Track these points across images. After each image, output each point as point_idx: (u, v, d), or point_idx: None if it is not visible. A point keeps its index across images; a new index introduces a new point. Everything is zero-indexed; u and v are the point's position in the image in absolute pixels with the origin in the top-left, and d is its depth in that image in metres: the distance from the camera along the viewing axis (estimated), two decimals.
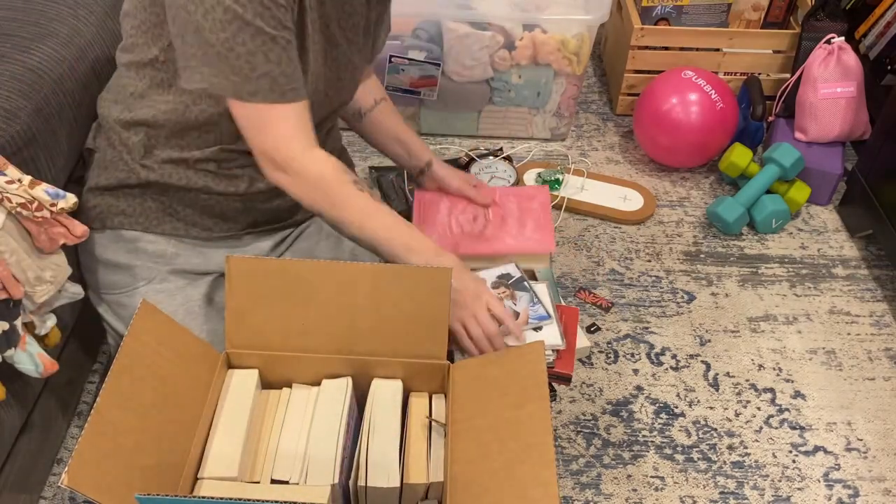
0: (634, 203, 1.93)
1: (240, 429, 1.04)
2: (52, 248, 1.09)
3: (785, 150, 1.85)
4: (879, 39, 2.03)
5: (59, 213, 1.05)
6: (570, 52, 1.92)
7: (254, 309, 1.11)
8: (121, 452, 0.92)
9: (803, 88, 1.97)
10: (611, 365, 1.59)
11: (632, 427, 1.48)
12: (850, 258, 1.85)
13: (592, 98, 2.30)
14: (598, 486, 1.39)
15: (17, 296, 1.04)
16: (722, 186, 2.02)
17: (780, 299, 1.74)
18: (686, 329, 1.67)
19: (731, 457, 1.44)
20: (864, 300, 1.75)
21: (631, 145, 2.13)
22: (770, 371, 1.60)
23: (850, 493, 1.40)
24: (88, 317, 1.30)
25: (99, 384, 1.47)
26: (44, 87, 1.17)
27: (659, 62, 2.10)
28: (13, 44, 1.20)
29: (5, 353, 1.06)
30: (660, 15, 2.08)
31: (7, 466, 1.18)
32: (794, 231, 1.91)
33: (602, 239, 1.86)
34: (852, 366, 1.61)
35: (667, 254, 1.84)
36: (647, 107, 1.96)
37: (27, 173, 1.03)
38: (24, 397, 1.19)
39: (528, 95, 2.00)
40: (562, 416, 1.49)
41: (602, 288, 1.74)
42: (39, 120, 1.14)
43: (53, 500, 1.32)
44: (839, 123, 1.93)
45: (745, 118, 2.00)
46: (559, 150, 2.10)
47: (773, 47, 2.09)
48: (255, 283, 1.10)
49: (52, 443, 1.35)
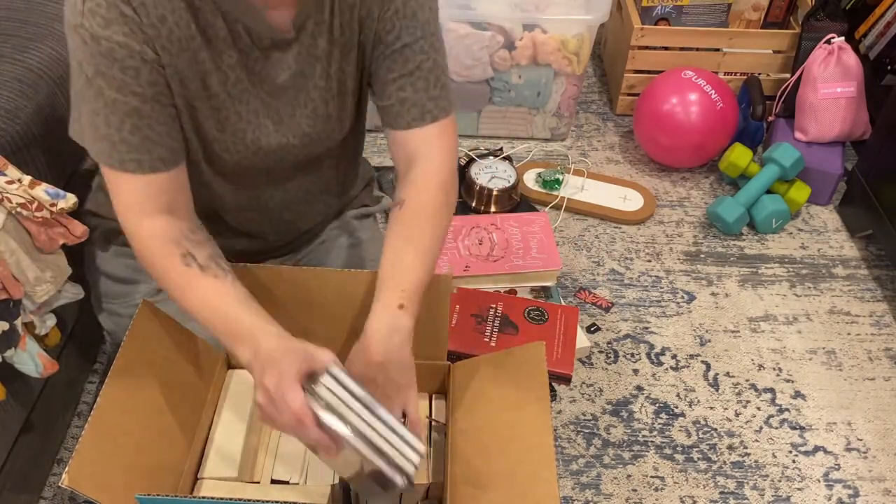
0: (634, 203, 1.93)
1: (240, 429, 1.04)
2: (52, 248, 1.08)
3: (785, 150, 1.85)
4: (879, 39, 2.03)
5: (59, 213, 1.05)
6: (570, 52, 1.92)
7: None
8: (121, 452, 0.92)
9: (803, 88, 1.97)
10: (611, 365, 1.59)
11: (632, 427, 1.48)
12: (850, 258, 1.85)
13: (592, 98, 2.30)
14: (598, 486, 1.39)
15: (17, 296, 1.04)
16: (722, 186, 2.02)
17: (780, 299, 1.74)
18: (686, 329, 1.67)
19: (731, 457, 1.44)
20: (864, 300, 1.75)
21: (631, 145, 2.13)
22: (770, 371, 1.60)
23: (850, 493, 1.40)
24: (88, 317, 1.30)
25: (99, 384, 1.47)
26: (44, 87, 1.17)
27: (659, 62, 2.10)
28: (13, 44, 1.20)
29: (5, 353, 1.06)
30: (660, 15, 2.08)
31: (7, 466, 1.18)
32: (794, 231, 1.91)
33: (602, 239, 1.86)
34: (852, 366, 1.61)
35: (667, 254, 1.83)
36: (647, 107, 1.96)
37: (27, 173, 1.03)
38: (24, 397, 1.19)
39: (528, 95, 2.00)
40: (562, 416, 1.49)
41: (602, 288, 1.74)
42: (39, 120, 1.14)
43: (53, 500, 1.32)
44: (839, 123, 1.93)
45: (745, 118, 2.00)
46: (559, 150, 2.10)
47: (773, 47, 2.09)
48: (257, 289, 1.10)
49: (52, 443, 1.35)
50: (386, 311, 0.94)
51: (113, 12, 0.85)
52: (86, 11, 0.85)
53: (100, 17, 0.85)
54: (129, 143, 0.92)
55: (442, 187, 1.02)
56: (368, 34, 1.00)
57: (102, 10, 0.85)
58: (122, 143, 0.92)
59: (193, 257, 0.94)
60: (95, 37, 0.86)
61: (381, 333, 0.93)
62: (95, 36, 0.86)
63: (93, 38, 0.86)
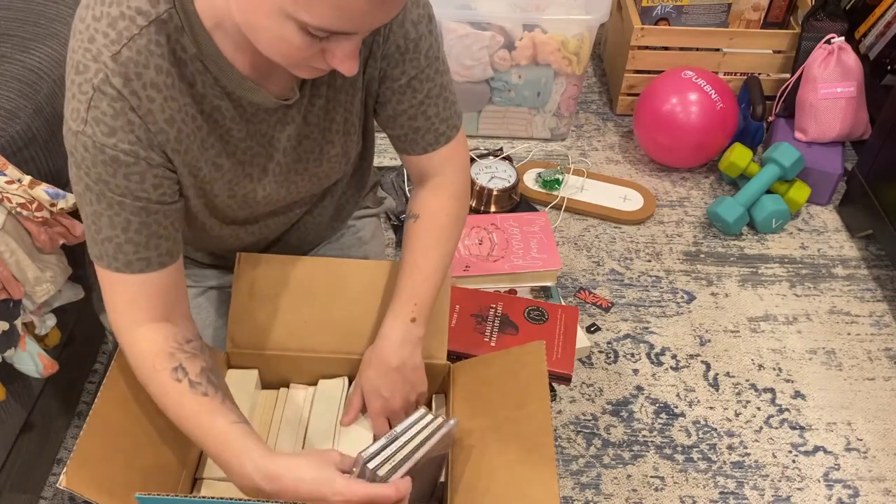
0: (634, 203, 1.93)
1: None
2: (52, 248, 1.09)
3: (785, 150, 1.85)
4: (879, 39, 2.03)
5: (59, 213, 1.05)
6: (570, 52, 1.92)
7: (256, 308, 1.11)
8: (120, 453, 0.92)
9: (803, 88, 1.97)
10: (611, 365, 1.59)
11: (632, 427, 1.48)
12: (850, 258, 1.85)
13: (592, 98, 2.29)
14: (598, 486, 1.39)
15: (17, 296, 1.04)
16: (722, 186, 2.02)
17: (780, 299, 1.74)
18: (686, 329, 1.67)
19: (731, 457, 1.44)
20: (864, 300, 1.75)
21: (631, 145, 2.13)
22: (770, 371, 1.59)
23: (850, 493, 1.40)
24: (88, 317, 1.30)
25: (99, 384, 1.47)
26: (44, 87, 1.17)
27: (659, 62, 2.10)
28: (13, 44, 1.20)
29: (5, 353, 1.06)
30: (660, 15, 2.08)
31: (7, 466, 1.18)
32: (794, 231, 1.91)
33: (602, 239, 1.86)
34: (852, 366, 1.61)
35: (667, 254, 1.83)
36: (647, 107, 1.96)
37: (27, 173, 1.03)
38: (24, 397, 1.19)
39: (528, 95, 2.00)
40: (562, 416, 1.49)
41: (602, 288, 1.74)
42: (39, 120, 1.14)
43: (53, 500, 1.32)
44: (839, 123, 1.93)
45: (745, 118, 2.00)
46: (559, 150, 2.10)
47: (773, 47, 2.09)
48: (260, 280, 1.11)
49: (52, 443, 1.35)
50: (400, 323, 1.06)
51: (120, 120, 0.83)
52: (90, 119, 0.82)
53: (104, 126, 0.83)
54: (135, 243, 0.89)
55: (454, 199, 1.10)
56: (373, 73, 0.99)
57: (108, 118, 0.82)
58: (128, 244, 0.89)
59: (185, 372, 0.91)
60: (99, 145, 0.83)
61: (396, 345, 1.06)
62: (99, 144, 0.83)
63: (95, 145, 0.83)
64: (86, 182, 0.86)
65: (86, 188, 0.87)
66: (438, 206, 1.09)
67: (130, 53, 0.81)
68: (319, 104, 0.98)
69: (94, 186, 0.86)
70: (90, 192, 0.87)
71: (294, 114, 0.96)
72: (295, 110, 0.96)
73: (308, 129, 1.00)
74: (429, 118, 1.04)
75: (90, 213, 0.88)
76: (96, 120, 0.82)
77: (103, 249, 0.89)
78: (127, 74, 0.81)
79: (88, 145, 0.83)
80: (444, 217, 1.10)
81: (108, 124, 0.83)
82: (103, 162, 0.84)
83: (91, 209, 0.88)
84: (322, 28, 0.73)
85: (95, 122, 0.82)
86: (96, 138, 0.83)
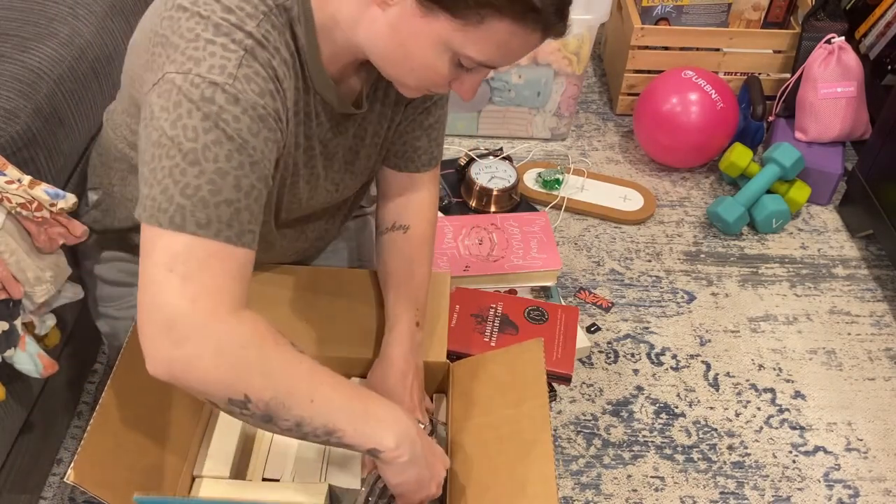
0: (634, 203, 1.93)
1: (235, 429, 1.05)
2: (52, 248, 1.09)
3: (785, 150, 1.85)
4: (879, 39, 2.03)
5: (58, 213, 1.05)
6: (570, 52, 1.92)
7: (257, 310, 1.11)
8: (124, 451, 0.93)
9: (803, 88, 1.97)
10: (611, 365, 1.59)
11: (632, 427, 1.48)
12: (850, 258, 1.85)
13: (592, 98, 2.30)
14: (598, 486, 1.39)
15: (16, 296, 1.04)
16: (722, 186, 2.02)
17: (780, 299, 1.74)
18: (686, 329, 1.67)
19: (731, 457, 1.44)
20: (864, 300, 1.75)
21: (631, 145, 2.13)
22: (770, 371, 1.59)
23: (850, 493, 1.40)
24: (88, 317, 1.30)
25: (99, 384, 1.47)
26: (44, 87, 1.17)
27: (659, 62, 2.10)
28: (13, 44, 1.20)
29: (5, 354, 1.06)
30: (660, 15, 2.08)
31: (7, 466, 1.18)
32: (795, 231, 1.91)
33: (602, 239, 1.86)
34: (852, 366, 1.61)
35: (667, 254, 1.83)
36: (647, 107, 1.96)
37: (27, 173, 1.03)
38: (24, 397, 1.19)
39: (528, 95, 2.00)
40: (562, 416, 1.49)
41: (602, 288, 1.74)
42: (39, 120, 1.14)
43: (53, 500, 1.32)
44: (839, 123, 1.93)
45: (745, 118, 2.00)
46: (559, 150, 2.10)
47: (774, 47, 2.09)
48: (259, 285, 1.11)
49: (52, 443, 1.35)
50: (407, 330, 1.09)
51: (271, 85, 0.82)
52: (239, 76, 0.79)
53: (255, 85, 0.80)
54: (251, 212, 0.82)
55: (435, 214, 1.19)
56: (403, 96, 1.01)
57: (259, 79, 0.80)
58: (246, 211, 0.81)
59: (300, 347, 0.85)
60: (251, 101, 0.79)
61: (407, 354, 1.08)
62: (251, 100, 0.79)
63: (247, 100, 0.79)
64: (215, 136, 0.78)
65: (214, 143, 0.78)
66: (426, 222, 1.16)
67: (269, 28, 0.82)
68: (371, 118, 1.03)
69: (227, 143, 0.78)
70: (218, 148, 0.78)
71: (350, 124, 1.01)
72: (353, 121, 1.01)
73: (355, 140, 1.04)
74: (431, 140, 1.11)
75: (212, 171, 0.78)
76: (247, 78, 0.79)
77: (216, 213, 0.78)
78: (268, 49, 0.82)
79: (235, 99, 0.79)
80: (430, 230, 1.17)
81: (260, 85, 0.80)
82: (251, 118, 0.80)
83: (215, 166, 0.78)
84: (481, 63, 0.79)
85: (246, 80, 0.79)
86: (246, 94, 0.79)
